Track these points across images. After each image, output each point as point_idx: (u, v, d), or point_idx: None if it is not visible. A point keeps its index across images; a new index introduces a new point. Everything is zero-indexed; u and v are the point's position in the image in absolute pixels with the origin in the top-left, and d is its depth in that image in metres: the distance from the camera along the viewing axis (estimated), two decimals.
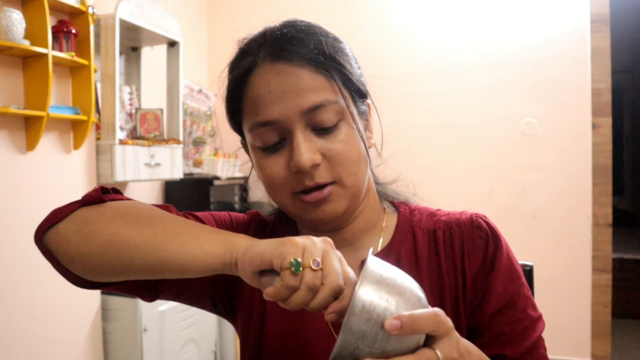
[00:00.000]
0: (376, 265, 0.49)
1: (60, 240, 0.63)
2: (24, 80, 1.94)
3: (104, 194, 0.68)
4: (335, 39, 0.70)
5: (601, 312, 2.74)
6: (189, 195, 2.95)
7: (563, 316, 2.75)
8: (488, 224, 0.73)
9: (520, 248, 0.78)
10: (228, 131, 3.55)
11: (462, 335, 0.69)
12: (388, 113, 3.49)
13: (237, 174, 3.24)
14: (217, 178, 2.98)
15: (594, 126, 2.76)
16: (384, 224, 0.76)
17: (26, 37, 1.83)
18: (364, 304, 0.45)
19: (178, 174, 2.69)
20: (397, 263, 0.70)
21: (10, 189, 1.88)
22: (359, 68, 0.73)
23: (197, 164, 3.16)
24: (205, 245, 0.55)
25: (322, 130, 0.65)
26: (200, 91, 3.28)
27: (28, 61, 1.92)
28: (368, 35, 3.12)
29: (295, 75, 0.63)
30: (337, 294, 0.49)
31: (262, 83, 0.65)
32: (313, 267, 0.49)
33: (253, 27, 0.72)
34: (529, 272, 0.94)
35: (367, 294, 0.46)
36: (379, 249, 0.74)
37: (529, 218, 2.85)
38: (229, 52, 0.75)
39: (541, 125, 2.84)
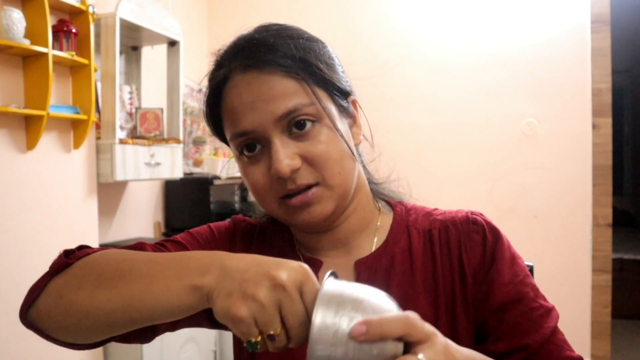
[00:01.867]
0: (333, 285, 0.47)
1: (42, 317, 0.66)
2: (24, 79, 1.94)
3: (68, 257, 0.65)
4: (310, 39, 0.70)
5: (601, 313, 2.74)
6: (189, 195, 2.95)
7: (563, 316, 2.72)
8: (484, 219, 0.73)
9: (520, 248, 0.78)
10: None
11: (466, 335, 0.69)
12: (387, 113, 3.49)
13: (237, 174, 3.23)
14: (217, 178, 2.98)
15: (594, 126, 2.76)
16: (378, 224, 0.75)
17: (26, 36, 1.83)
18: (322, 328, 0.44)
19: (178, 174, 2.69)
20: (391, 263, 0.71)
21: (10, 189, 1.87)
22: (340, 65, 0.73)
23: (197, 163, 3.16)
24: (174, 297, 0.53)
25: (300, 134, 0.65)
26: (200, 90, 3.28)
27: (28, 60, 1.92)
28: (368, 35, 3.11)
29: (265, 83, 0.64)
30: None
31: (235, 94, 0.66)
32: (270, 340, 0.47)
33: (253, 27, 0.72)
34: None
35: (325, 318, 0.44)
36: (373, 249, 0.73)
37: (529, 218, 2.85)
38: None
39: (541, 125, 2.84)
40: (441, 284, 0.70)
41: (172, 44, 2.74)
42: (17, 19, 1.77)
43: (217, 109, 0.70)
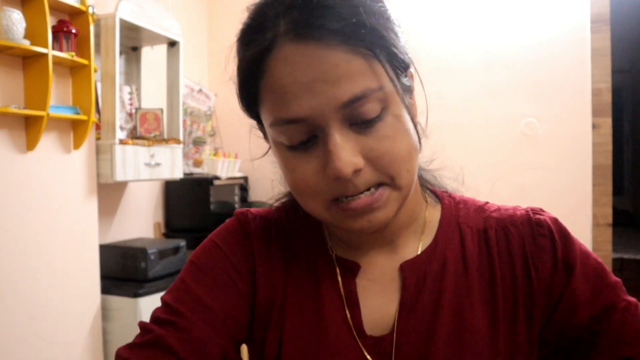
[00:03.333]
0: None
1: None
2: (24, 80, 1.94)
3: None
4: (374, 1, 0.54)
5: None
6: (189, 195, 2.95)
7: None
8: (549, 218, 0.62)
9: None
10: (228, 131, 3.54)
11: (527, 353, 0.59)
12: None
13: (237, 174, 3.24)
14: (217, 178, 2.98)
15: (594, 126, 2.76)
16: (425, 218, 0.64)
17: (26, 36, 1.83)
18: None
19: (178, 174, 2.69)
20: (442, 268, 0.61)
21: (10, 189, 1.87)
22: (402, 32, 0.58)
23: (197, 163, 3.16)
24: None
25: (363, 124, 0.52)
26: (200, 91, 3.28)
27: (28, 61, 1.92)
28: None
29: (327, 60, 0.49)
30: None
31: (285, 70, 0.51)
32: None
33: None
34: None
35: None
36: (420, 249, 0.62)
37: None
38: (229, 52, 0.67)
39: (541, 125, 2.84)
40: (500, 295, 0.59)
41: (172, 44, 2.73)
42: (17, 19, 1.77)
43: (255, 84, 0.55)
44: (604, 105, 2.74)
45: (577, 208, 2.77)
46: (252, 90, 0.56)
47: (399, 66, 0.55)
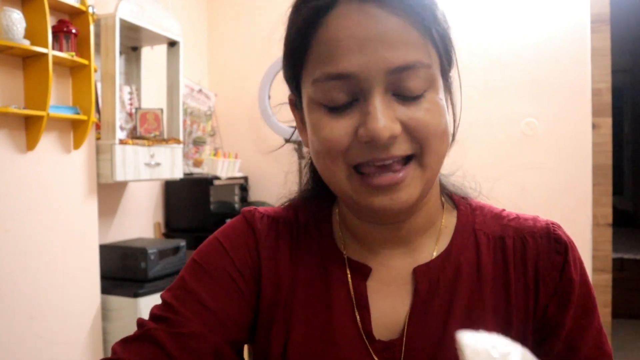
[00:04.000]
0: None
1: None
2: (24, 80, 1.94)
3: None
4: None
5: (601, 313, 2.72)
6: (189, 195, 2.95)
7: None
8: (567, 237, 0.63)
9: None
10: (228, 131, 3.54)
11: None
12: None
13: (237, 174, 3.24)
14: (217, 178, 2.98)
15: (594, 126, 2.76)
16: (442, 223, 0.63)
17: (26, 36, 1.83)
18: None
19: (178, 174, 2.69)
20: (456, 275, 0.60)
21: (10, 189, 1.87)
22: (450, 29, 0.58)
23: (197, 163, 3.16)
24: None
25: (406, 97, 0.52)
26: (200, 91, 3.28)
27: (28, 61, 1.92)
28: None
29: (387, 23, 0.50)
30: None
31: (343, 24, 0.51)
32: None
33: (253, 27, 0.69)
34: None
35: None
36: (435, 254, 0.61)
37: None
38: (229, 52, 0.67)
39: (541, 125, 2.84)
40: (514, 305, 0.58)
41: (172, 44, 2.73)
42: (17, 19, 1.77)
43: (308, 39, 0.53)
44: (604, 105, 2.74)
45: (577, 208, 2.77)
46: (303, 45, 0.54)
47: (447, 60, 0.56)
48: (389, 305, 0.60)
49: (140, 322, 0.61)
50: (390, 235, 0.61)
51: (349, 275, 0.61)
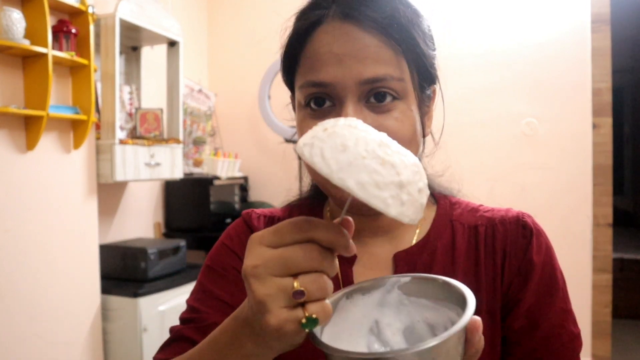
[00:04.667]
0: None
1: None
2: (24, 79, 1.94)
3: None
4: (416, 13, 0.63)
5: (601, 312, 2.74)
6: (189, 195, 2.95)
7: None
8: (535, 224, 0.68)
9: None
10: (228, 131, 3.53)
11: (497, 342, 0.65)
12: None
13: (237, 174, 3.24)
14: (217, 178, 2.98)
15: (594, 126, 2.76)
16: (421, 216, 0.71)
17: (26, 36, 1.83)
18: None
19: (178, 174, 2.69)
20: (432, 258, 0.67)
21: (10, 189, 1.87)
22: (434, 50, 0.67)
23: (197, 163, 3.16)
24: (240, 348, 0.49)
25: (376, 105, 0.59)
26: (200, 91, 3.28)
27: (28, 61, 1.92)
28: None
29: (361, 41, 0.58)
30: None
31: (324, 41, 0.60)
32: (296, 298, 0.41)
33: (253, 27, 0.71)
34: None
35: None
36: (414, 241, 0.68)
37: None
38: (229, 52, 0.72)
39: (541, 125, 2.84)
40: (484, 284, 0.65)
41: (172, 44, 2.74)
42: (16, 19, 1.77)
43: (298, 50, 0.63)
44: (604, 105, 2.74)
45: (577, 208, 2.77)
46: (294, 56, 0.64)
47: (424, 73, 0.64)
48: None
49: (171, 329, 0.69)
50: (371, 225, 0.68)
51: (336, 262, 0.66)
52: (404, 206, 0.40)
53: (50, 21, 1.92)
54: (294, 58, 0.64)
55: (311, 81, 0.60)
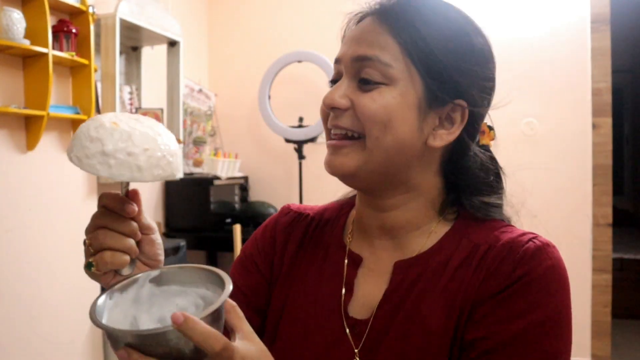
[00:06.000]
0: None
1: None
2: (24, 79, 1.94)
3: None
4: (450, 24, 0.70)
5: (601, 312, 2.74)
6: (189, 195, 2.95)
7: None
8: (543, 252, 0.62)
9: None
10: (228, 131, 3.54)
11: None
12: None
13: (237, 174, 3.24)
14: (217, 178, 2.98)
15: (594, 126, 2.76)
16: (432, 229, 0.70)
17: (26, 36, 1.83)
18: None
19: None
20: (421, 273, 0.66)
21: (10, 189, 1.87)
22: (473, 71, 0.68)
23: (197, 163, 3.16)
24: None
25: (364, 85, 0.64)
26: (200, 91, 3.28)
27: (28, 61, 1.92)
28: None
29: (370, 28, 0.66)
30: None
31: (354, 29, 0.69)
32: None
33: (253, 27, 0.72)
34: None
35: None
36: (416, 252, 0.68)
37: (529, 218, 2.83)
38: (229, 52, 0.75)
39: (541, 125, 2.84)
40: (458, 303, 0.62)
41: (172, 44, 2.74)
42: (17, 19, 1.77)
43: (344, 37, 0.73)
44: (604, 105, 2.75)
45: (577, 208, 2.77)
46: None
47: (435, 76, 0.64)
48: (369, 290, 0.70)
49: None
50: (377, 222, 0.71)
51: (346, 263, 0.73)
52: (112, 168, 0.53)
53: (50, 21, 1.92)
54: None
55: (335, 58, 0.70)
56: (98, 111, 2.35)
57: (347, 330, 0.68)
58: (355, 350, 0.67)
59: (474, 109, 0.69)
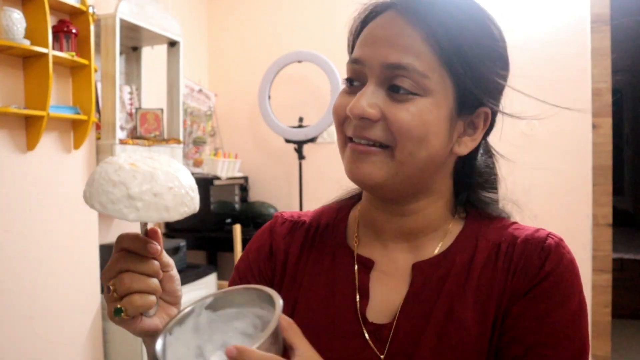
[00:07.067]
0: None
1: None
2: (24, 79, 1.94)
3: None
4: (483, 28, 0.64)
5: (601, 313, 2.74)
6: None
7: None
8: (558, 246, 0.64)
9: None
10: (228, 131, 3.54)
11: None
12: None
13: (237, 174, 3.24)
14: (217, 178, 2.98)
15: (594, 126, 2.76)
16: (449, 228, 0.70)
17: (26, 36, 1.83)
18: None
19: None
20: (448, 271, 0.66)
21: (10, 189, 1.87)
22: (500, 76, 0.67)
23: (197, 163, 3.16)
24: None
25: (396, 95, 0.60)
26: (200, 91, 3.28)
27: (28, 61, 1.92)
28: None
29: (400, 29, 0.60)
30: None
31: (375, 24, 0.63)
32: None
33: (253, 27, 0.72)
34: None
35: None
36: (436, 252, 0.68)
37: (529, 218, 2.84)
38: (229, 52, 0.73)
39: (541, 125, 2.84)
40: (494, 302, 0.63)
41: (172, 44, 2.74)
42: (17, 19, 1.77)
43: (355, 35, 0.68)
44: (604, 106, 2.74)
45: (577, 208, 2.77)
46: (354, 35, 0.68)
47: (467, 86, 0.62)
48: (386, 294, 0.68)
49: None
50: (394, 226, 0.69)
51: (356, 267, 0.70)
52: (140, 211, 0.53)
53: (50, 21, 1.91)
54: (354, 39, 0.68)
55: (351, 58, 0.64)
56: (98, 111, 2.35)
57: (367, 336, 0.66)
58: (381, 357, 0.65)
59: (496, 111, 0.71)
